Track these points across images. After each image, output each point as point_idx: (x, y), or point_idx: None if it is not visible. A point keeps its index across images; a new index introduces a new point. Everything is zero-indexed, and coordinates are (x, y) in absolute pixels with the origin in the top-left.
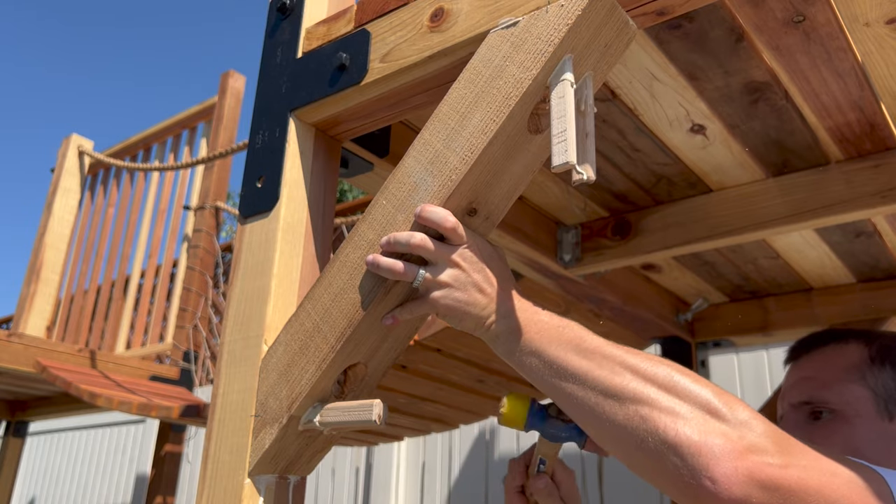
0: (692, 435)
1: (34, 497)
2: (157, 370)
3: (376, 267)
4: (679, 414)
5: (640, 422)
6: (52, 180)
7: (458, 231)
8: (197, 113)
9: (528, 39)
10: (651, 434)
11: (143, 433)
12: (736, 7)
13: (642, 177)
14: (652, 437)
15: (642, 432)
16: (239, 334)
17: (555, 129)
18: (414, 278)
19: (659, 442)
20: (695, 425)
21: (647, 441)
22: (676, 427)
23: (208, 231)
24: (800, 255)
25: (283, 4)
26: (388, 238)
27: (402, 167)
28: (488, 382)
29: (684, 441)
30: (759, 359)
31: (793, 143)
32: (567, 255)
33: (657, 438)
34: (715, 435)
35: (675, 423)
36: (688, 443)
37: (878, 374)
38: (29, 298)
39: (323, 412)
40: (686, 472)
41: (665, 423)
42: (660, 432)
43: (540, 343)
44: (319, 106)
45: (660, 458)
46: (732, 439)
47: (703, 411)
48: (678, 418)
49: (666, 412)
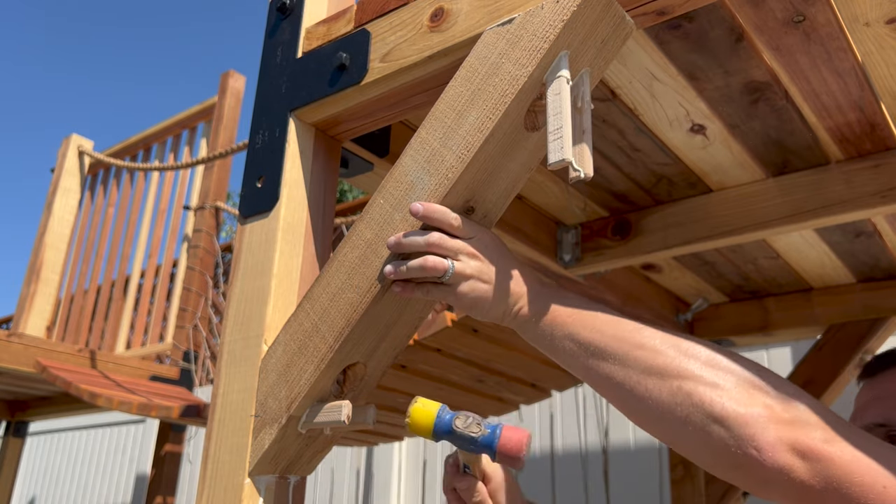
0: (738, 407)
1: (34, 497)
2: (157, 370)
3: (406, 271)
4: (724, 388)
5: (684, 397)
6: (52, 180)
7: (463, 225)
8: (197, 113)
9: (524, 36)
10: (697, 408)
11: (143, 433)
12: (736, 7)
13: (642, 177)
14: (697, 411)
15: (688, 407)
16: (239, 334)
17: (550, 126)
18: (445, 272)
19: (704, 415)
20: (740, 398)
21: (693, 415)
22: (722, 400)
23: (208, 231)
24: (800, 255)
25: (283, 4)
26: (398, 240)
27: (399, 166)
28: (488, 382)
29: (731, 412)
30: (759, 359)
31: (793, 143)
32: (567, 255)
33: (703, 412)
34: (760, 406)
35: (720, 396)
36: (735, 414)
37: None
38: (29, 298)
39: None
40: (732, 442)
41: (711, 396)
42: (706, 406)
43: (573, 326)
44: (319, 106)
45: (706, 431)
46: (777, 411)
47: (747, 385)
48: (723, 392)
49: (711, 386)
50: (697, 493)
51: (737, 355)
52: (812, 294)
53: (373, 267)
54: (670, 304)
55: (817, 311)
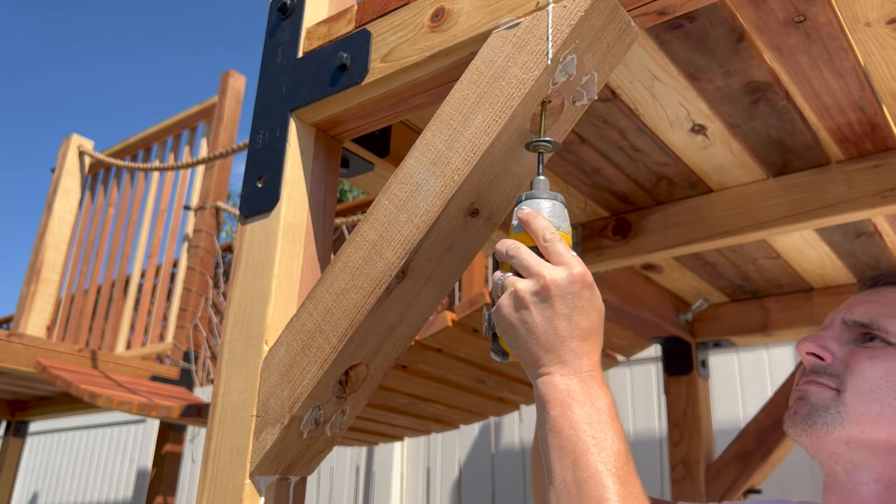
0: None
1: (34, 497)
2: (158, 370)
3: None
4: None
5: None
6: (53, 180)
7: (550, 247)
8: (197, 113)
9: (531, 40)
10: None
11: (144, 433)
12: (737, 7)
13: (643, 177)
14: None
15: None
16: (239, 334)
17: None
18: (497, 279)
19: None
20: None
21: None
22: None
23: (208, 231)
24: (800, 255)
25: (284, 4)
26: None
27: (404, 168)
28: (488, 382)
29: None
30: (759, 359)
31: (793, 143)
32: None
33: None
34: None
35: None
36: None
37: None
38: (29, 298)
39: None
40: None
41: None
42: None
43: (557, 435)
44: (320, 106)
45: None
46: None
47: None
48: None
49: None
50: (698, 492)
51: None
52: (813, 294)
53: (377, 268)
54: (670, 304)
55: (818, 311)
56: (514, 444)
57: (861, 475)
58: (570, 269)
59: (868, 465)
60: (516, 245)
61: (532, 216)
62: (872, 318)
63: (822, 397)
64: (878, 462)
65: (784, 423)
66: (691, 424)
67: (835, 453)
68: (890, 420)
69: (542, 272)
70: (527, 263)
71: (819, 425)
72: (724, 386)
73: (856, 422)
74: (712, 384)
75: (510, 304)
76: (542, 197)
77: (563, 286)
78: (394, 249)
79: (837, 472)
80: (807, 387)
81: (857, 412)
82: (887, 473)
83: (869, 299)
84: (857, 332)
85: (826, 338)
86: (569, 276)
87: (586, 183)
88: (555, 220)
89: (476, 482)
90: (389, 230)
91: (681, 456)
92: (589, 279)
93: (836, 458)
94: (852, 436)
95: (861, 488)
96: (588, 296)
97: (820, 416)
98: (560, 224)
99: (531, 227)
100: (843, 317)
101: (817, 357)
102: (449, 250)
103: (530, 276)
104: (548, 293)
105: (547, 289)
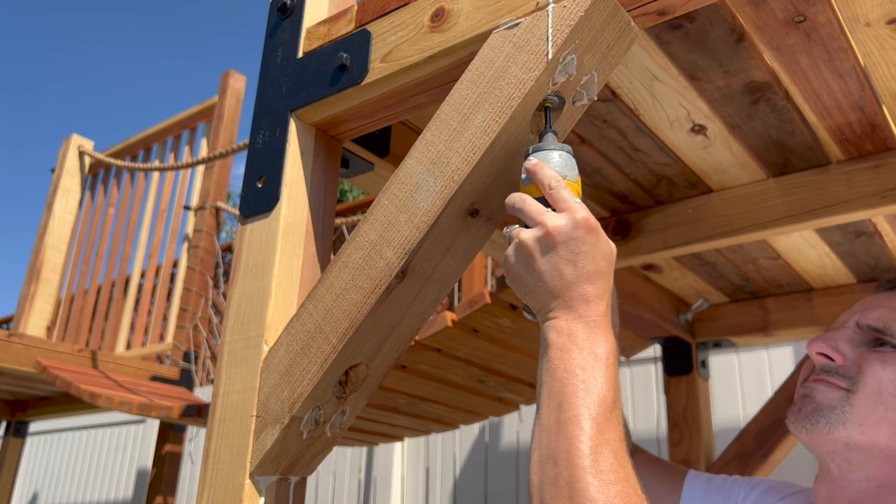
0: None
1: (34, 497)
2: (158, 370)
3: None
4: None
5: (547, 483)
6: (53, 180)
7: (555, 194)
8: (197, 113)
9: (531, 41)
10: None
11: (143, 433)
12: (737, 7)
13: (643, 177)
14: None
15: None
16: (239, 334)
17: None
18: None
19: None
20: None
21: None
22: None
23: (208, 231)
24: (800, 255)
25: (284, 4)
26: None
27: (404, 168)
28: (488, 382)
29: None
30: (759, 359)
31: (793, 143)
32: None
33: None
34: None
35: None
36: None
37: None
38: (29, 298)
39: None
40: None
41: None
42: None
43: (551, 376)
44: (320, 106)
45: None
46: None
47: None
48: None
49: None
50: None
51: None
52: (813, 294)
53: (377, 268)
54: (670, 304)
55: (818, 311)
56: (513, 443)
57: (854, 474)
58: (574, 214)
59: (863, 465)
60: (522, 197)
61: (539, 166)
62: (887, 324)
63: (830, 396)
64: (874, 464)
65: (787, 419)
66: (691, 424)
67: (833, 452)
68: (891, 425)
69: (544, 220)
70: (530, 213)
71: (822, 424)
72: (724, 386)
73: (859, 423)
74: (712, 384)
75: (516, 255)
76: (549, 148)
77: (566, 232)
78: (394, 249)
79: (831, 468)
80: (814, 385)
81: (862, 414)
82: (881, 476)
83: (884, 304)
84: (870, 336)
85: (838, 339)
86: (572, 222)
87: (586, 183)
88: (561, 170)
89: (476, 482)
90: (389, 230)
91: (681, 456)
92: (593, 223)
93: (833, 456)
94: (853, 437)
95: (852, 485)
96: (593, 240)
97: (824, 415)
98: (567, 173)
99: (537, 176)
100: (858, 320)
101: (827, 357)
102: (449, 250)
103: (534, 226)
104: (551, 240)
105: (550, 236)
